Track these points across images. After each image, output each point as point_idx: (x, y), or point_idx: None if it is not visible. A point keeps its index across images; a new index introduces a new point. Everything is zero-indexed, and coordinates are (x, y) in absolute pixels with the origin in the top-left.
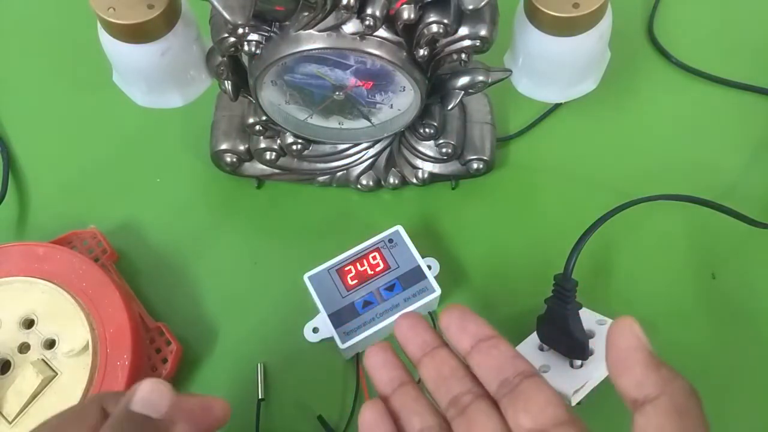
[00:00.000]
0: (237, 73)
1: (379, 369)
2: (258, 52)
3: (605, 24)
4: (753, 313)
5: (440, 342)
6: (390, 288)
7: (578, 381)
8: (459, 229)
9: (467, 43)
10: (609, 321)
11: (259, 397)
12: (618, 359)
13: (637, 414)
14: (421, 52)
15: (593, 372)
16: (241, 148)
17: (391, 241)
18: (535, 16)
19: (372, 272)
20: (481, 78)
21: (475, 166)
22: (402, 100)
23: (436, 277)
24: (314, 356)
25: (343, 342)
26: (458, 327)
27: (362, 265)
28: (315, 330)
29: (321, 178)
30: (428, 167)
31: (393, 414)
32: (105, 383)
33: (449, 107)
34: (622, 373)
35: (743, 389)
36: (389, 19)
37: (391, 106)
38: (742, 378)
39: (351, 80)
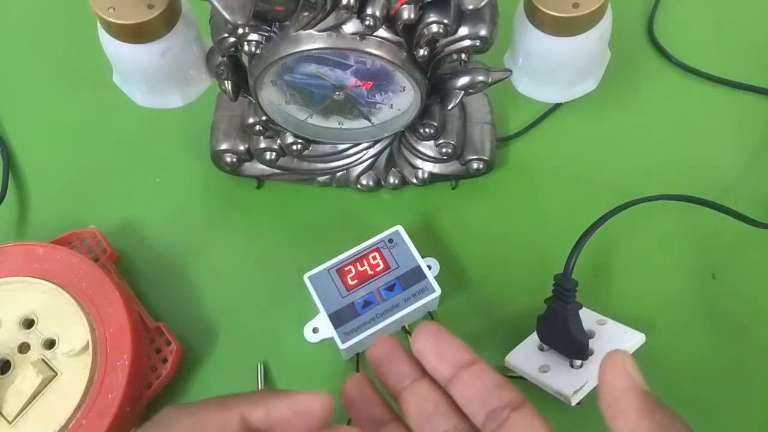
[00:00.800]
0: (237, 73)
1: (358, 405)
2: (258, 52)
3: (605, 24)
4: (753, 313)
5: (419, 372)
6: (390, 288)
7: (578, 381)
8: (459, 229)
9: (467, 43)
10: (609, 321)
11: None
12: (611, 401)
13: None
14: (421, 52)
15: (593, 372)
16: (241, 148)
17: (391, 241)
18: (535, 16)
19: (372, 272)
20: (481, 78)
21: (475, 166)
22: (402, 100)
23: (436, 277)
24: (314, 356)
25: (343, 342)
26: (435, 354)
27: (362, 265)
28: (315, 330)
29: (321, 178)
30: (428, 167)
31: None
32: (105, 383)
33: (449, 107)
34: (615, 416)
35: (743, 389)
36: (389, 19)
37: (391, 106)
38: (743, 378)
39: (351, 80)
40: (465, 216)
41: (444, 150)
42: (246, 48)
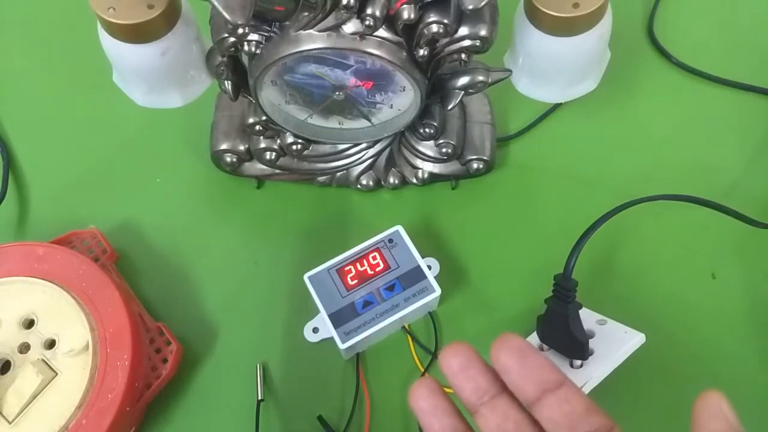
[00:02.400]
0: (237, 73)
1: (430, 415)
2: (258, 52)
3: (605, 24)
4: (753, 313)
5: (499, 388)
6: (390, 288)
7: (578, 381)
8: (459, 229)
9: (467, 43)
10: (609, 321)
11: (259, 398)
12: None
13: None
14: (421, 52)
15: (593, 372)
16: (241, 148)
17: (391, 241)
18: (535, 16)
19: (372, 272)
20: (481, 78)
21: (475, 166)
22: (402, 100)
23: (436, 277)
24: (314, 356)
25: (343, 342)
26: (520, 372)
27: (362, 265)
28: (315, 330)
29: (321, 178)
30: (428, 167)
31: None
32: (105, 383)
33: (449, 107)
34: None
35: (743, 389)
36: (389, 19)
37: (391, 106)
38: (743, 378)
39: (351, 80)
40: (465, 216)
41: (444, 150)
42: (246, 48)
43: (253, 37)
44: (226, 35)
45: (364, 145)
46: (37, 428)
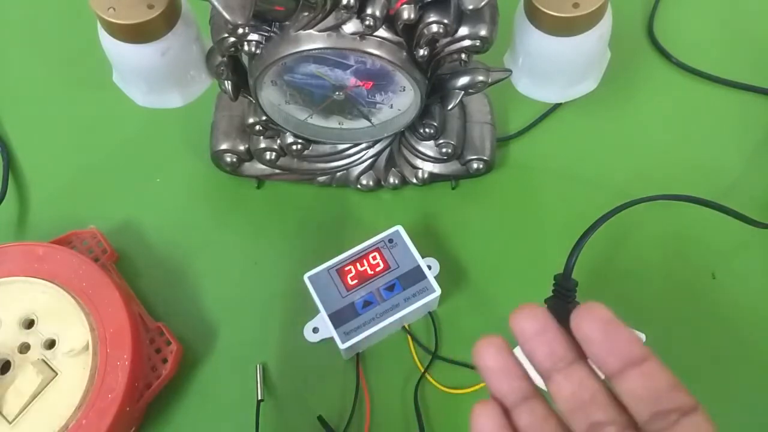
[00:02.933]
0: (237, 73)
1: (498, 375)
2: (258, 52)
3: (605, 24)
4: (753, 313)
5: (575, 355)
6: (390, 288)
7: None
8: (459, 229)
9: (467, 43)
10: None
11: (259, 398)
12: None
13: None
14: (421, 52)
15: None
16: (241, 148)
17: (391, 241)
18: (535, 16)
19: (372, 272)
20: (481, 78)
21: (475, 166)
22: (402, 100)
23: (436, 277)
24: (314, 356)
25: (343, 342)
26: (603, 344)
27: (362, 265)
28: (315, 330)
29: (321, 178)
30: (428, 167)
31: (514, 430)
32: (105, 383)
33: (449, 107)
34: None
35: (743, 389)
36: (389, 19)
37: (391, 106)
38: (743, 378)
39: (351, 80)
40: (465, 216)
41: (444, 150)
42: (246, 48)
43: (253, 37)
44: (226, 35)
45: (364, 145)
46: (37, 428)
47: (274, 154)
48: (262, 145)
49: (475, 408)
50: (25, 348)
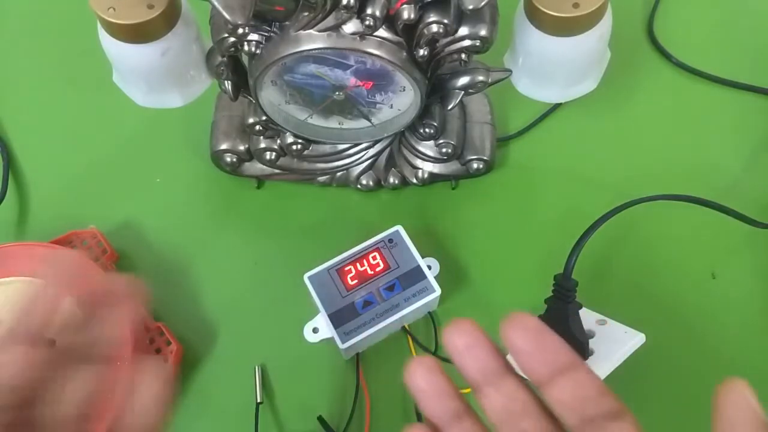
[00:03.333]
0: (237, 73)
1: (429, 396)
2: (258, 52)
3: (605, 24)
4: (753, 313)
5: (505, 368)
6: (390, 288)
7: None
8: (459, 229)
9: (467, 43)
10: (609, 321)
11: (258, 401)
12: (728, 430)
13: None
14: (421, 52)
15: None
16: (241, 148)
17: (391, 241)
18: (535, 16)
19: (372, 272)
20: (481, 78)
21: (475, 166)
22: (402, 100)
23: (436, 277)
24: (314, 356)
25: (343, 342)
26: (533, 353)
27: (362, 265)
28: (315, 330)
29: (321, 178)
30: (428, 167)
31: None
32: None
33: (449, 107)
34: None
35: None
36: (389, 19)
37: (391, 106)
38: (744, 378)
39: (351, 80)
40: (465, 216)
41: (444, 150)
42: (246, 48)
43: (253, 37)
44: (226, 35)
45: (364, 145)
46: None
47: (274, 154)
48: (262, 145)
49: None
50: None
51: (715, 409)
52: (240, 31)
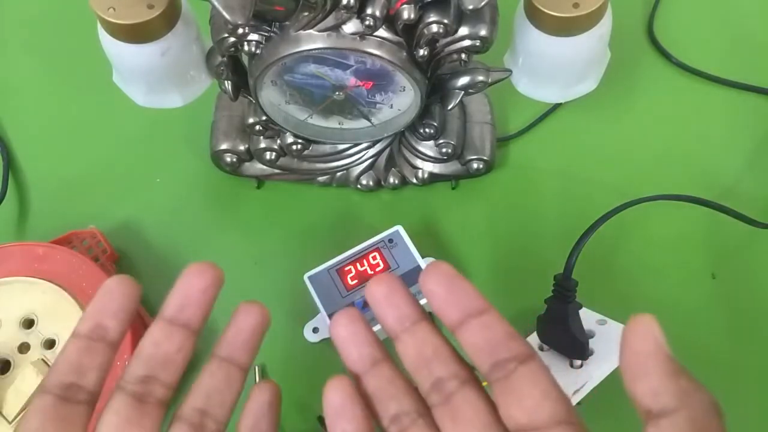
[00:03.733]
0: (237, 73)
1: (349, 344)
2: (258, 52)
3: (605, 24)
4: (753, 313)
5: (420, 315)
6: None
7: (578, 381)
8: (459, 229)
9: (467, 43)
10: (609, 321)
11: None
12: (633, 363)
13: (651, 426)
14: (421, 52)
15: (593, 372)
16: (241, 148)
17: (391, 241)
18: (535, 16)
19: (372, 272)
20: (481, 78)
21: (475, 166)
22: (402, 100)
23: None
24: (314, 356)
25: None
26: (445, 297)
27: (362, 265)
28: (315, 330)
29: (321, 178)
30: (428, 167)
31: (364, 395)
32: (105, 383)
33: (449, 107)
34: (636, 379)
35: (744, 389)
36: (389, 19)
37: (391, 106)
38: (743, 378)
39: (351, 80)
40: (465, 216)
41: (444, 150)
42: (246, 48)
43: (253, 37)
44: (226, 35)
45: (364, 145)
46: None
47: (274, 154)
48: (262, 145)
49: (327, 383)
50: (25, 348)
51: (622, 340)
52: (240, 31)
